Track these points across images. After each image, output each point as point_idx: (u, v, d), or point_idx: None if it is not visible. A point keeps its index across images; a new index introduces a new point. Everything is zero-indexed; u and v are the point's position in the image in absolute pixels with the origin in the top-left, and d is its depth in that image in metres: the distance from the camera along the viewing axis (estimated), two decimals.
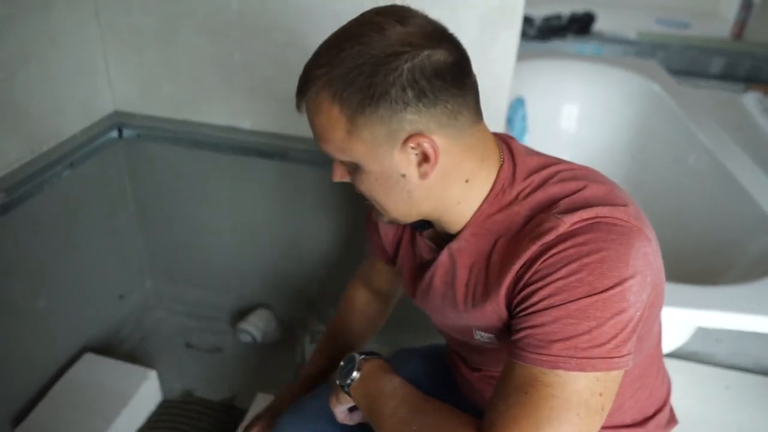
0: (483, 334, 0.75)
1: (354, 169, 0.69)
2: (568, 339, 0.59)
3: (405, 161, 0.65)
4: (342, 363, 0.79)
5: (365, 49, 0.61)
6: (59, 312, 1.39)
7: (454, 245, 0.74)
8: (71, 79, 1.31)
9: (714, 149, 1.82)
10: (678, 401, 0.92)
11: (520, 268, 0.64)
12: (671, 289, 1.25)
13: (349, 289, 1.11)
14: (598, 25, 3.43)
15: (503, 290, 0.67)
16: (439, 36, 0.64)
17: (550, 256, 0.62)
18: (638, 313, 0.61)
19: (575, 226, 0.63)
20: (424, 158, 0.65)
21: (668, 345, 1.50)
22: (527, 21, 3.30)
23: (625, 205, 0.66)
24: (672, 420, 0.89)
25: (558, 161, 0.73)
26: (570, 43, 3.33)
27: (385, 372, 0.76)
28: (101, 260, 1.52)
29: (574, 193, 0.66)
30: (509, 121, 1.97)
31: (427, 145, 0.63)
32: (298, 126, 1.35)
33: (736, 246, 1.57)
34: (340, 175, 0.72)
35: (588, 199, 0.65)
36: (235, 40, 1.29)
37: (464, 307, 0.75)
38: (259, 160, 1.42)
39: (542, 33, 3.34)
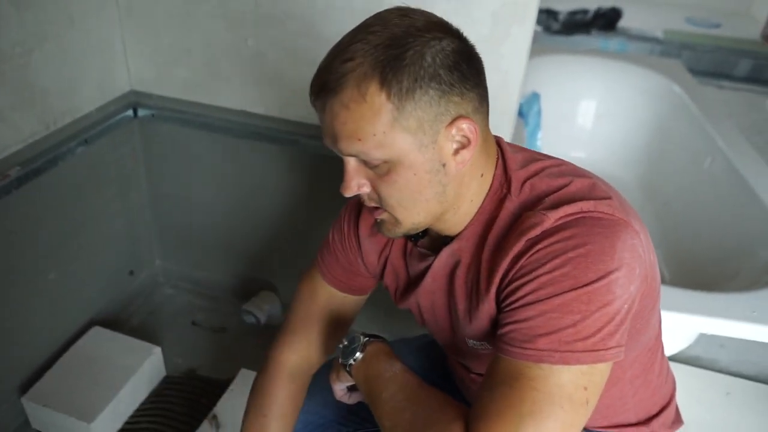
0: (475, 342, 0.75)
1: (384, 170, 0.65)
2: (552, 333, 0.60)
3: (446, 149, 0.64)
4: (345, 342, 0.79)
5: (399, 35, 0.60)
6: (70, 285, 1.43)
7: (454, 246, 0.73)
8: (88, 58, 1.33)
9: (730, 154, 1.79)
10: (681, 407, 0.92)
11: (508, 264, 0.65)
12: (675, 293, 1.26)
13: (273, 378, 0.92)
14: (625, 22, 3.37)
15: (493, 287, 0.67)
16: (455, 30, 0.65)
17: (536, 252, 0.62)
18: (626, 306, 0.62)
19: (560, 221, 0.63)
20: (462, 145, 0.64)
21: (670, 348, 1.49)
22: (551, 15, 3.26)
23: (609, 199, 0.66)
24: (677, 420, 0.89)
25: (541, 157, 0.74)
26: (594, 39, 3.28)
27: (388, 356, 0.76)
28: (112, 236, 1.55)
29: (560, 189, 0.67)
30: (523, 116, 1.96)
31: (468, 128, 0.63)
32: (309, 114, 1.36)
33: (746, 253, 1.55)
34: (357, 186, 0.67)
35: (573, 194, 0.66)
36: (250, 27, 1.30)
37: (464, 308, 0.74)
38: (269, 146, 1.44)
39: (566, 28, 3.30)
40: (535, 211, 0.65)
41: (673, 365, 1.55)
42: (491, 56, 1.16)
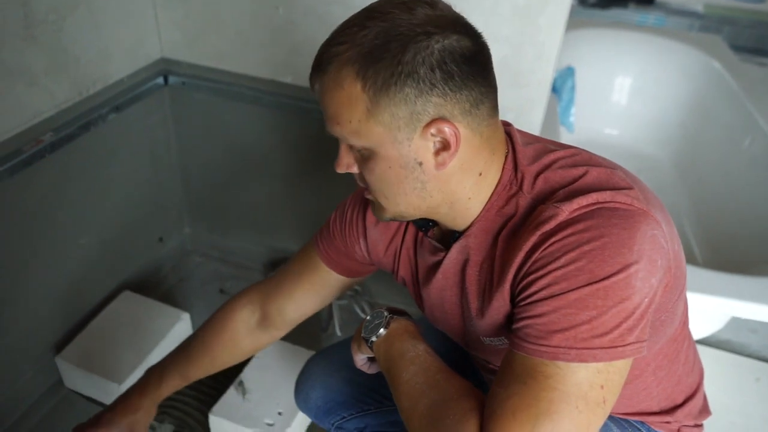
0: (492, 339, 0.74)
1: (365, 156, 0.65)
2: (567, 329, 0.58)
3: (423, 148, 0.63)
4: (369, 317, 0.79)
5: (392, 27, 0.59)
6: (101, 250, 1.46)
7: (462, 243, 0.72)
8: (120, 25, 1.33)
9: None
10: (705, 390, 0.90)
11: (522, 259, 0.63)
12: (706, 275, 1.23)
13: (234, 305, 0.96)
14: None
15: (507, 284, 0.66)
16: (465, 26, 0.63)
17: (550, 245, 0.60)
18: (647, 299, 0.59)
19: (575, 214, 0.61)
20: (443, 146, 0.63)
21: (699, 332, 1.47)
22: None
23: (628, 188, 0.63)
24: (705, 410, 0.86)
25: (555, 147, 0.71)
26: (631, 13, 3.17)
27: (411, 336, 0.75)
28: (143, 203, 1.57)
29: (575, 180, 0.65)
30: (557, 91, 1.92)
31: (449, 132, 0.61)
32: None
33: None
34: (346, 165, 0.68)
35: (588, 185, 0.63)
36: None
37: (477, 305, 0.73)
38: (297, 116, 1.43)
39: (603, 1, 3.20)
40: (548, 204, 0.63)
41: (702, 349, 1.54)
42: (527, 28, 1.14)
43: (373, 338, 0.77)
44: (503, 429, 0.57)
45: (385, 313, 0.78)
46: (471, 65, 0.61)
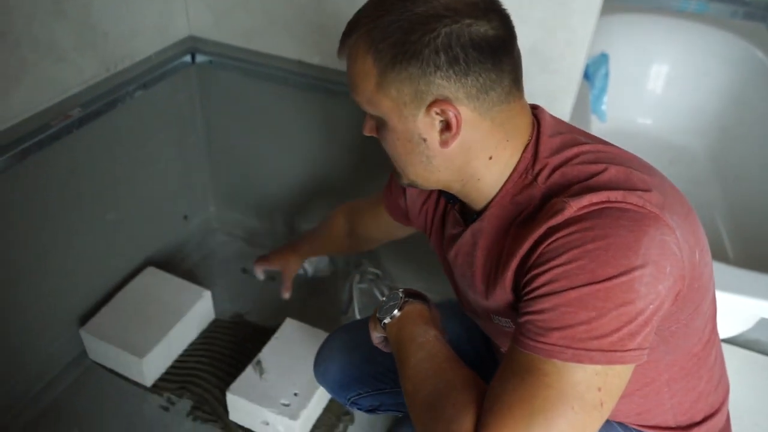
0: (500, 318, 0.74)
1: (380, 124, 0.69)
2: (565, 328, 0.57)
3: (428, 125, 0.65)
4: (385, 298, 0.81)
5: (409, 7, 0.61)
6: (127, 226, 1.48)
7: (476, 225, 0.73)
8: (148, 2, 1.33)
9: None
10: (732, 390, 0.87)
11: (527, 251, 0.63)
12: (734, 273, 1.19)
13: (337, 211, 1.19)
14: None
15: (509, 273, 0.66)
16: (487, 8, 0.62)
17: (554, 240, 0.60)
18: (652, 306, 0.58)
19: (583, 211, 0.60)
20: (447, 126, 0.64)
21: (727, 331, 1.43)
22: None
23: (644, 190, 0.61)
24: (726, 431, 0.84)
25: (584, 141, 0.69)
26: None
27: (423, 320, 0.76)
28: (169, 180, 1.59)
29: (592, 176, 0.63)
30: (589, 78, 1.87)
31: (451, 114, 0.63)
32: None
33: None
34: (369, 129, 0.72)
35: (603, 183, 0.62)
36: None
37: (482, 289, 0.73)
38: (324, 97, 1.42)
39: None
40: (560, 198, 0.62)
41: (729, 348, 1.50)
42: (560, 11, 1.10)
43: (387, 319, 0.78)
44: (498, 424, 0.57)
45: (401, 295, 0.79)
46: (480, 51, 0.61)
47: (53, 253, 1.29)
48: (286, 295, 1.28)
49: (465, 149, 0.66)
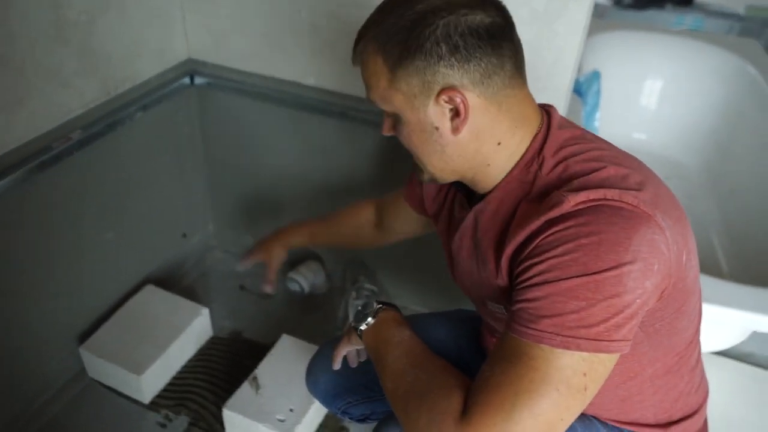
0: (493, 304, 0.77)
1: (396, 120, 0.73)
2: (556, 316, 0.60)
3: (439, 114, 0.69)
4: (360, 307, 0.85)
5: (409, 7, 0.67)
6: (126, 245, 1.50)
7: (479, 206, 0.76)
8: (148, 26, 1.37)
9: None
10: (725, 403, 0.88)
11: (524, 240, 0.66)
12: (729, 288, 1.21)
13: (365, 202, 1.19)
14: None
15: (505, 259, 0.69)
16: (482, 2, 0.67)
17: (551, 233, 0.63)
18: (639, 300, 0.61)
19: (579, 206, 0.63)
20: (456, 113, 0.68)
21: (720, 344, 1.44)
22: None
23: (639, 190, 0.64)
24: None
25: (590, 139, 0.73)
26: (668, 14, 3.10)
27: (397, 323, 0.80)
28: (168, 200, 1.61)
29: (592, 172, 0.66)
30: (582, 95, 1.89)
31: (458, 100, 0.67)
32: (359, 86, 1.36)
33: None
34: (387, 128, 0.77)
35: (601, 181, 0.65)
36: None
37: (478, 272, 0.77)
38: (320, 117, 1.45)
39: (639, 2, 3.13)
40: (560, 191, 0.65)
41: (723, 361, 1.51)
42: (545, 33, 1.13)
43: (363, 326, 0.83)
44: (485, 403, 0.60)
45: (374, 304, 0.84)
46: (478, 38, 0.65)
47: (54, 273, 1.32)
48: (268, 289, 1.21)
49: (475, 135, 0.70)
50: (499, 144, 0.71)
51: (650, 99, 2.25)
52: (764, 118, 1.93)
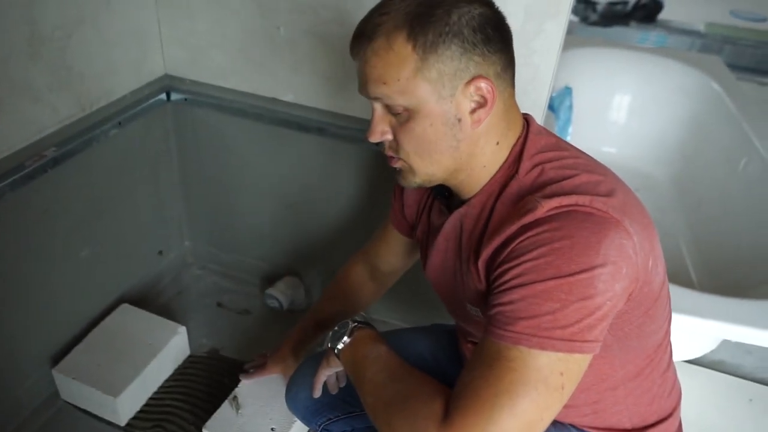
0: (472, 307, 0.79)
1: (405, 117, 0.71)
2: (531, 318, 0.62)
3: (463, 105, 0.69)
4: (336, 328, 0.86)
5: None
6: (101, 262, 1.47)
7: (462, 211, 0.78)
8: (124, 42, 1.36)
9: (767, 154, 1.74)
10: (698, 410, 0.91)
11: (500, 245, 0.68)
12: (697, 298, 1.24)
13: (350, 262, 1.16)
14: (666, 14, 3.27)
15: (481, 263, 0.71)
16: (488, 1, 0.71)
17: (526, 238, 0.65)
18: (609, 303, 0.63)
19: (552, 212, 0.65)
20: (480, 104, 0.69)
21: (691, 352, 1.47)
22: (590, 5, 3.19)
23: (608, 197, 0.67)
24: None
25: (566, 147, 0.76)
26: (633, 31, 3.20)
27: (374, 340, 0.81)
28: (144, 217, 1.59)
29: (565, 179, 0.69)
30: (555, 111, 1.93)
31: (485, 88, 0.68)
32: (337, 102, 1.36)
33: None
34: (380, 133, 0.74)
35: (573, 187, 0.67)
36: (283, 14, 1.30)
37: (461, 274, 0.79)
38: (297, 133, 1.45)
39: (604, 19, 3.23)
40: (534, 197, 0.68)
41: (695, 369, 1.55)
42: (522, 50, 1.15)
43: (340, 345, 0.83)
44: (466, 406, 0.61)
45: (350, 323, 0.84)
46: (501, 33, 0.69)
47: (26, 292, 1.28)
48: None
49: (485, 131, 0.72)
50: (497, 144, 0.73)
51: (619, 113, 2.31)
52: (728, 132, 2.00)
